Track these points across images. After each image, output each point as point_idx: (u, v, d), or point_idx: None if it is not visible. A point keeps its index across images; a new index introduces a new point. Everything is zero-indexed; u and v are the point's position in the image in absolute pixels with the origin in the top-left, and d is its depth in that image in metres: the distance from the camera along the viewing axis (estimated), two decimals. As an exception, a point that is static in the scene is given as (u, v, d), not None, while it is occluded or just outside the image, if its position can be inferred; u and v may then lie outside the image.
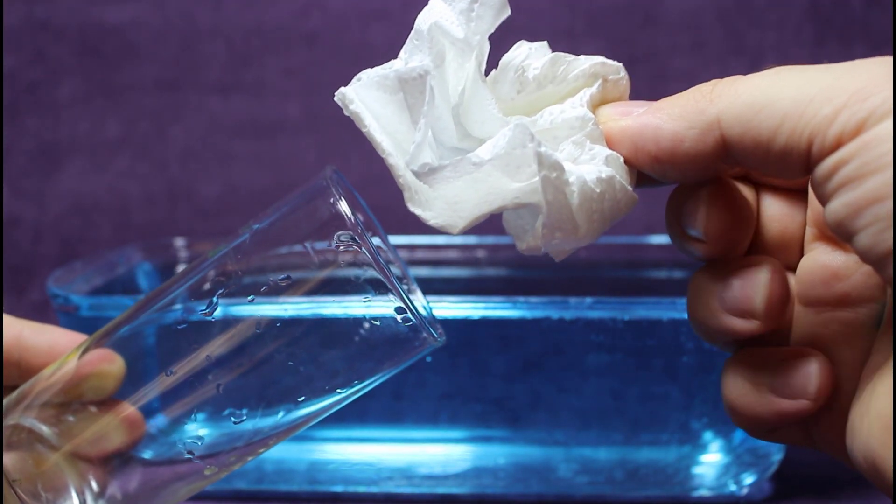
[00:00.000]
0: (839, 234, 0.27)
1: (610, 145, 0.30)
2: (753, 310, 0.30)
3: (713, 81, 0.29)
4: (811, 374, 0.31)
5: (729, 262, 0.32)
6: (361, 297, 0.33)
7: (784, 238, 0.32)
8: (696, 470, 0.50)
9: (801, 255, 0.32)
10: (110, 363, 0.36)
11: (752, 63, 0.76)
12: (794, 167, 0.27)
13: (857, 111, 0.25)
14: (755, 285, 0.30)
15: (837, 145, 0.26)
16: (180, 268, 0.63)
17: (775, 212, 0.33)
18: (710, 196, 0.31)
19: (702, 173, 0.30)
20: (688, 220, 0.31)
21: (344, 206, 0.33)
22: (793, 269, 0.32)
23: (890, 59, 0.27)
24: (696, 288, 0.32)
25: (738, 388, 0.32)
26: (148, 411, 0.35)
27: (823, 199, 0.27)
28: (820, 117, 0.26)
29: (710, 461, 0.50)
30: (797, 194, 0.33)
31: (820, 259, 0.31)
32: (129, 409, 0.35)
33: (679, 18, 0.76)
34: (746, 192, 0.33)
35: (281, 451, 0.50)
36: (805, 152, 0.27)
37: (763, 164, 0.28)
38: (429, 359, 0.48)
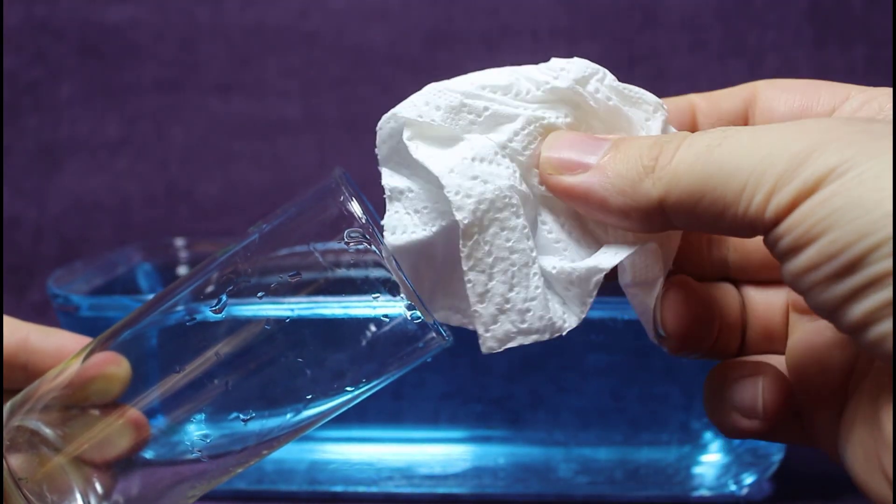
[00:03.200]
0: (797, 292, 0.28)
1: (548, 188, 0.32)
2: (756, 413, 0.33)
3: (659, 145, 0.30)
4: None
5: (734, 366, 0.34)
6: (371, 295, 0.33)
7: (768, 330, 0.35)
8: (696, 470, 0.50)
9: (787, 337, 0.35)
10: (116, 366, 0.35)
11: (752, 63, 0.76)
12: (742, 236, 0.29)
13: (784, 194, 0.27)
14: (756, 393, 0.33)
15: (775, 224, 0.27)
16: (180, 268, 0.63)
17: (758, 305, 0.35)
18: (670, 301, 0.34)
19: (652, 232, 0.32)
20: (655, 321, 0.34)
21: (354, 206, 0.33)
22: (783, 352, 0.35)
23: (815, 120, 0.28)
24: (710, 388, 0.35)
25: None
26: (154, 413, 0.35)
27: (777, 259, 0.28)
28: (755, 205, 0.27)
29: (710, 461, 0.50)
30: (777, 281, 0.35)
31: (804, 339, 0.33)
32: (133, 411, 0.35)
33: (679, 18, 0.76)
34: (729, 291, 0.35)
35: (281, 451, 0.50)
36: (749, 230, 0.28)
37: (710, 232, 0.31)
38: (429, 359, 0.48)
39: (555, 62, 0.32)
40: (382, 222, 0.33)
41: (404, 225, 0.33)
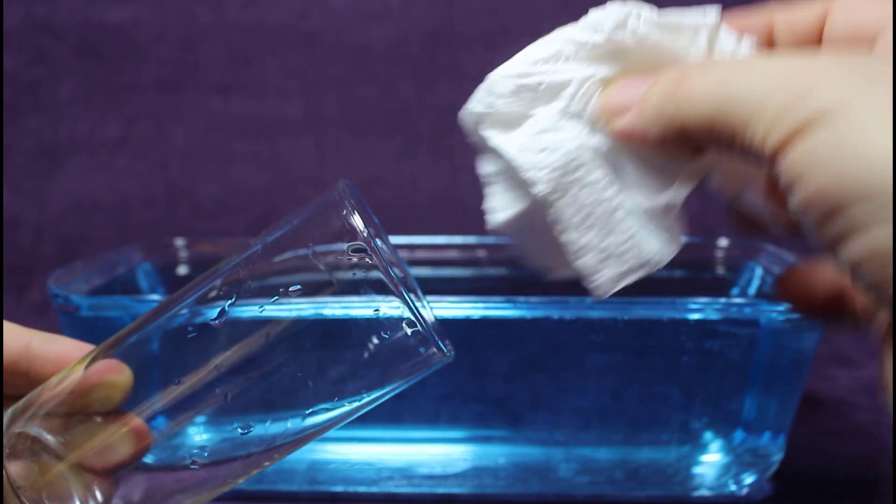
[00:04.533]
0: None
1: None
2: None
3: (684, 71, 0.31)
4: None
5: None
6: (372, 309, 0.33)
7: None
8: (696, 470, 0.50)
9: None
10: (118, 374, 0.35)
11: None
12: (755, 165, 0.30)
13: (779, 131, 0.27)
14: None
15: (773, 159, 0.28)
16: (180, 268, 0.63)
17: None
18: None
19: (696, 158, 0.33)
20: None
21: (357, 220, 0.33)
22: None
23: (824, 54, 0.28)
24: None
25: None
26: (155, 421, 0.35)
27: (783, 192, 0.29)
28: (757, 137, 0.28)
29: (710, 461, 0.50)
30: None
31: None
32: (135, 419, 0.35)
33: (679, 18, 0.76)
34: None
35: (281, 452, 0.51)
36: (757, 161, 0.29)
37: (736, 157, 0.30)
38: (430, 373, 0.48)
39: (592, 15, 0.34)
40: (483, 206, 0.35)
41: (504, 203, 0.35)
